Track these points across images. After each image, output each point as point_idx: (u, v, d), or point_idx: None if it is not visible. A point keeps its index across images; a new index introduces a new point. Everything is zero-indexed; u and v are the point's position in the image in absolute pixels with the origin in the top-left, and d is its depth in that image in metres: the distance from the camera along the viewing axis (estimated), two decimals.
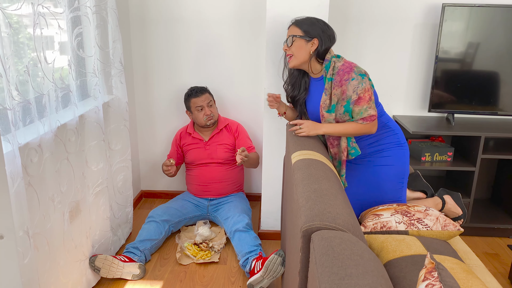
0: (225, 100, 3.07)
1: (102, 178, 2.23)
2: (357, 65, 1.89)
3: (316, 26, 1.93)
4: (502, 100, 2.80)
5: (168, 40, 2.96)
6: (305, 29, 1.92)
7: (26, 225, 1.52)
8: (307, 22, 1.94)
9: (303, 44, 1.93)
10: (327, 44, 1.93)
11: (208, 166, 2.81)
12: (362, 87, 1.83)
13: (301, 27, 1.93)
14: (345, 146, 1.96)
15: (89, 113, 2.10)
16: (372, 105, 1.86)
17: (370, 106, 1.86)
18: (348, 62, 1.90)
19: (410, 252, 1.52)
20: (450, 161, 2.78)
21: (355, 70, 1.85)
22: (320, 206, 1.22)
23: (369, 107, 1.86)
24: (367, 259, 0.99)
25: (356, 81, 1.83)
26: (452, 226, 1.74)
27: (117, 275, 2.23)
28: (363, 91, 1.84)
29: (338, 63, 1.90)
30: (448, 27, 2.69)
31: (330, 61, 1.92)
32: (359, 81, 1.83)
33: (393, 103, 3.01)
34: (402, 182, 2.05)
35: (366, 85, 1.84)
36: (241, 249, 2.36)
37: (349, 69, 1.86)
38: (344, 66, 1.88)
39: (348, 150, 1.96)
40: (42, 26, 1.67)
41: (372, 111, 1.86)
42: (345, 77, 1.85)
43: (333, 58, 1.92)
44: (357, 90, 1.83)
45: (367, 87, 1.84)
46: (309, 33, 1.92)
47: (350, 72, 1.85)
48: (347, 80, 1.85)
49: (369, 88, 1.85)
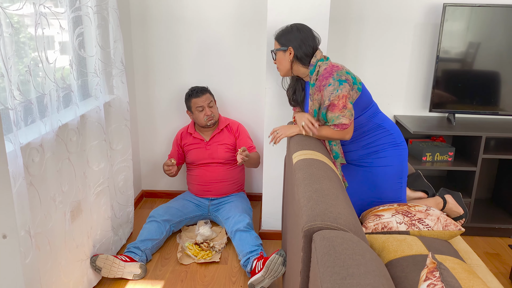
0: (225, 100, 3.07)
1: (103, 178, 2.23)
2: (341, 69, 1.86)
3: (290, 34, 1.96)
4: (503, 100, 2.80)
5: (169, 39, 2.96)
6: (281, 41, 1.99)
7: (28, 224, 1.52)
8: (282, 33, 2.00)
9: (282, 55, 2.00)
10: (303, 48, 1.94)
11: (209, 166, 2.81)
12: (336, 94, 1.81)
13: (279, 40, 2.00)
14: (329, 148, 1.98)
15: (90, 113, 2.10)
16: (346, 114, 1.83)
17: (343, 114, 1.83)
18: (331, 66, 1.88)
19: (411, 252, 1.52)
20: (451, 161, 2.78)
21: (334, 75, 1.83)
22: (322, 206, 1.22)
23: (342, 115, 1.83)
24: (368, 259, 1.00)
25: (332, 87, 1.82)
26: (453, 226, 1.74)
27: (118, 275, 2.24)
28: (337, 98, 1.81)
29: (322, 67, 1.90)
30: (449, 27, 2.69)
31: (315, 65, 1.92)
32: (335, 87, 1.81)
33: (394, 103, 3.01)
34: (400, 182, 2.05)
35: (341, 92, 1.81)
36: (242, 249, 2.36)
37: (329, 74, 1.85)
38: (326, 70, 1.87)
39: (331, 152, 1.98)
40: (44, 26, 1.67)
41: (344, 120, 1.84)
42: (323, 83, 1.85)
43: (318, 62, 1.93)
44: (331, 96, 1.82)
45: (342, 94, 1.81)
46: (284, 43, 1.97)
47: (329, 78, 1.84)
48: (324, 85, 1.85)
49: (344, 96, 1.81)
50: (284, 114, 2.48)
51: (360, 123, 1.98)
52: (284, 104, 2.46)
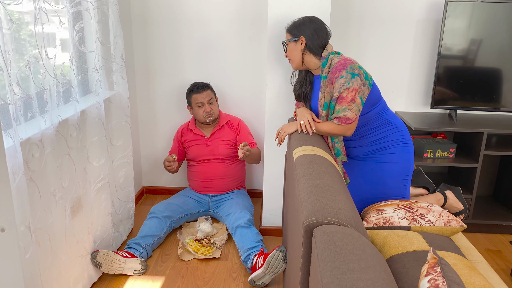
0: (226, 96, 3.06)
1: (103, 174, 2.23)
2: (354, 63, 1.85)
3: (302, 25, 1.96)
4: (504, 97, 2.79)
5: (170, 36, 2.95)
6: (293, 32, 1.99)
7: (28, 220, 1.51)
8: (294, 25, 2.00)
9: (293, 46, 1.99)
10: (316, 39, 1.93)
11: (210, 163, 2.81)
12: (347, 87, 1.80)
13: (290, 32, 2.00)
14: (330, 145, 1.98)
15: (91, 108, 2.09)
16: (353, 108, 1.82)
17: (350, 107, 1.82)
18: (344, 59, 1.87)
19: (412, 248, 1.51)
20: (453, 157, 2.77)
21: (347, 68, 1.82)
22: (322, 201, 1.22)
23: (349, 109, 1.82)
24: (369, 254, 0.99)
25: (344, 79, 1.81)
26: (455, 222, 1.74)
27: (119, 271, 2.24)
28: (347, 90, 1.81)
29: (335, 60, 1.89)
30: (451, 23, 2.68)
31: (327, 58, 1.91)
32: (347, 79, 1.81)
33: (395, 100, 3.00)
34: (406, 179, 2.04)
35: (352, 85, 1.80)
36: (242, 245, 2.36)
37: (342, 67, 1.84)
38: (339, 63, 1.86)
39: (333, 149, 1.97)
40: (44, 22, 1.67)
41: (349, 114, 1.83)
42: (336, 75, 1.84)
43: (330, 55, 1.91)
44: (341, 88, 1.81)
45: (353, 88, 1.80)
46: (295, 34, 1.97)
47: (342, 70, 1.83)
48: (337, 78, 1.84)
49: (354, 89, 1.80)
50: (284, 110, 2.47)
51: (369, 119, 1.97)
52: (284, 100, 2.45)
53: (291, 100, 2.44)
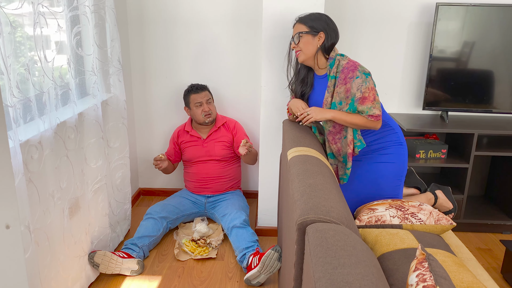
0: (222, 98, 3.10)
1: (101, 175, 2.26)
2: (361, 64, 1.93)
3: (321, 21, 1.97)
4: (496, 98, 2.84)
5: (166, 38, 2.98)
6: (310, 25, 1.97)
7: (27, 220, 1.54)
8: (312, 18, 1.98)
9: (310, 39, 1.97)
10: (332, 38, 1.97)
11: (206, 163, 2.84)
12: (366, 86, 1.87)
13: (306, 23, 1.98)
14: (351, 139, 1.98)
15: (88, 111, 2.12)
16: (376, 105, 1.89)
17: (374, 106, 1.89)
18: (352, 61, 1.93)
19: (403, 246, 1.56)
20: (444, 158, 2.82)
21: (359, 68, 1.89)
22: (315, 200, 1.26)
23: (374, 107, 1.89)
24: (359, 250, 1.03)
25: (360, 79, 1.87)
26: (445, 220, 1.78)
27: (116, 271, 2.26)
28: (367, 90, 1.87)
29: (342, 61, 1.94)
30: (443, 26, 2.73)
31: (334, 59, 1.95)
32: (363, 79, 1.87)
33: (388, 101, 3.05)
34: (400, 180, 2.09)
35: (369, 84, 1.87)
36: (238, 245, 2.39)
37: (354, 68, 1.89)
38: (348, 64, 1.92)
39: (354, 142, 1.99)
40: (42, 25, 1.70)
41: (377, 111, 1.89)
42: (349, 75, 1.89)
43: (337, 56, 1.96)
44: (361, 88, 1.87)
45: (371, 86, 1.88)
46: (315, 28, 1.96)
47: (355, 71, 1.88)
48: (351, 78, 1.88)
49: (372, 88, 1.88)
50: (280, 112, 2.51)
51: None
52: (279, 102, 2.49)
53: (286, 102, 2.47)
